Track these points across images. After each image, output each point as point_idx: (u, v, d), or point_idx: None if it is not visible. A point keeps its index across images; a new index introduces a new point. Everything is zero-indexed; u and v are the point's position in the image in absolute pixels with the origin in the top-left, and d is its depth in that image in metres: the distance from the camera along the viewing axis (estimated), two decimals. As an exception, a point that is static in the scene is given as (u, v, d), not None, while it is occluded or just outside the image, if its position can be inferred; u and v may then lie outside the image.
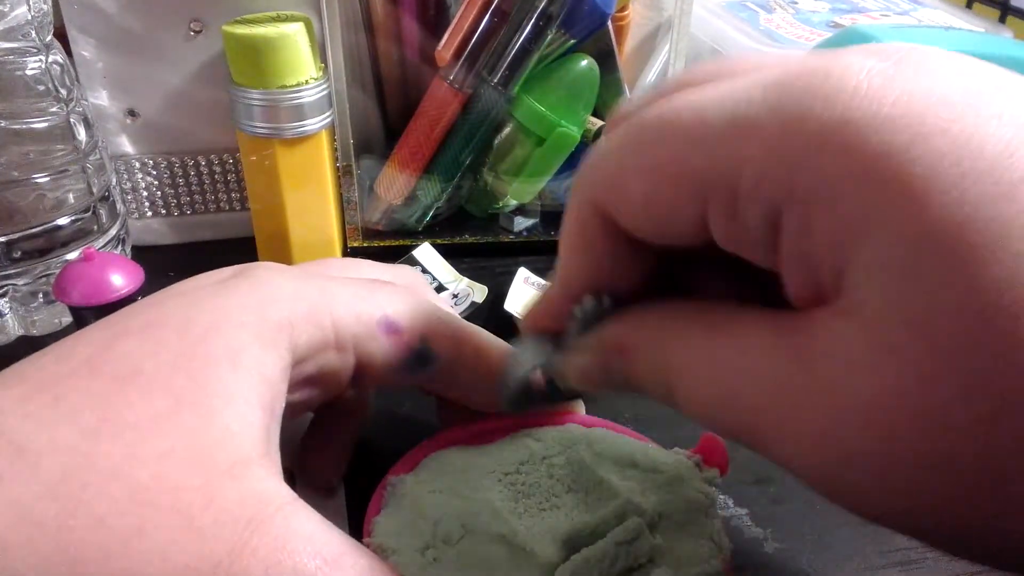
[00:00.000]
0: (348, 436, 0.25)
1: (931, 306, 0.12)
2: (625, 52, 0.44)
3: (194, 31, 0.38)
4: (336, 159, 0.39)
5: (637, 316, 0.18)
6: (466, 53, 0.36)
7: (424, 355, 0.22)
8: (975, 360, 0.12)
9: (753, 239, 0.15)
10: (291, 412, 0.20)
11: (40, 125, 0.33)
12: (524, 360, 0.20)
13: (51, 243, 0.34)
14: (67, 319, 0.35)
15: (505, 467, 0.23)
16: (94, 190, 0.35)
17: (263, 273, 0.20)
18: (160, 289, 0.21)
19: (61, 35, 0.36)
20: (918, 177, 0.12)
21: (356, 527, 0.21)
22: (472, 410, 0.25)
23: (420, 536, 0.21)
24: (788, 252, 0.14)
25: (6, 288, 0.34)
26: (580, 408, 0.25)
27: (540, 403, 0.21)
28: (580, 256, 0.18)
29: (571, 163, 0.41)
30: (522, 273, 0.37)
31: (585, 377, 0.19)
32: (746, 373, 0.15)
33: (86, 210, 0.35)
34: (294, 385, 0.20)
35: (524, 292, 0.36)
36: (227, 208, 0.42)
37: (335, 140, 0.39)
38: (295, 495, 0.17)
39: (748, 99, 0.14)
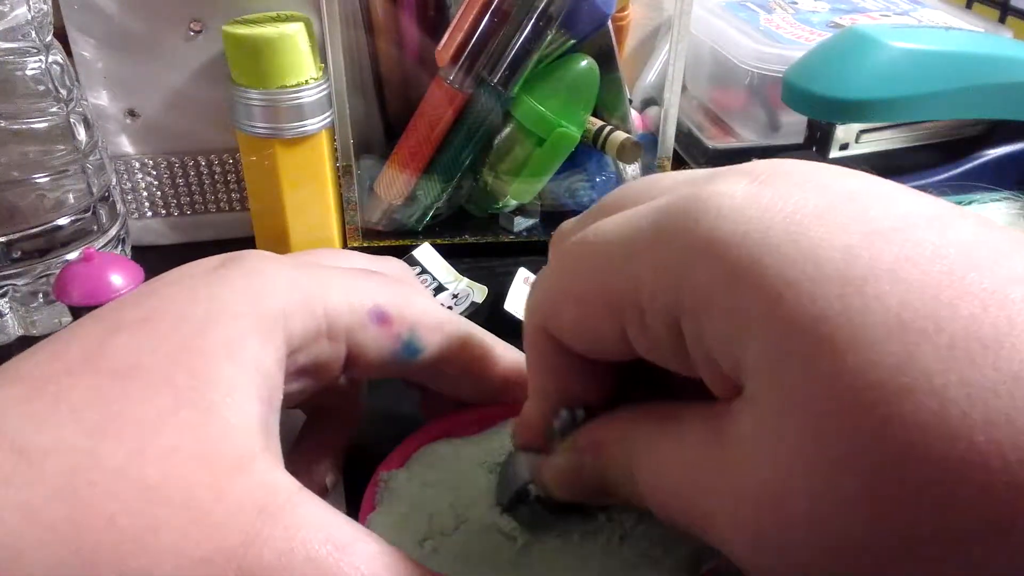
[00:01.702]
0: (342, 436, 0.25)
1: (804, 394, 0.13)
2: (625, 52, 0.44)
3: (194, 31, 0.38)
4: (336, 159, 0.39)
5: (609, 418, 0.19)
6: (466, 53, 0.36)
7: (412, 345, 0.22)
8: (847, 441, 0.13)
9: (666, 349, 0.16)
10: (285, 403, 0.20)
11: (40, 125, 0.33)
12: (518, 473, 0.21)
13: (51, 243, 0.34)
14: (67, 319, 0.35)
15: (495, 457, 0.23)
16: (94, 190, 0.35)
17: (255, 262, 0.20)
18: None
19: (61, 35, 0.36)
20: (775, 284, 0.14)
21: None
22: (456, 402, 0.25)
23: (417, 529, 0.21)
24: (693, 356, 0.16)
25: (6, 288, 0.34)
26: None
27: (539, 513, 0.22)
28: (542, 375, 0.20)
29: (571, 163, 0.41)
30: (522, 273, 0.37)
31: (562, 478, 0.20)
32: (683, 463, 0.16)
33: (86, 210, 0.35)
34: (288, 376, 0.20)
35: (524, 292, 0.36)
36: (227, 208, 0.43)
37: (335, 140, 0.39)
38: (301, 485, 0.17)
39: (639, 225, 0.16)
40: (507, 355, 0.25)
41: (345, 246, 0.41)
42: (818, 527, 0.13)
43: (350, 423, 0.26)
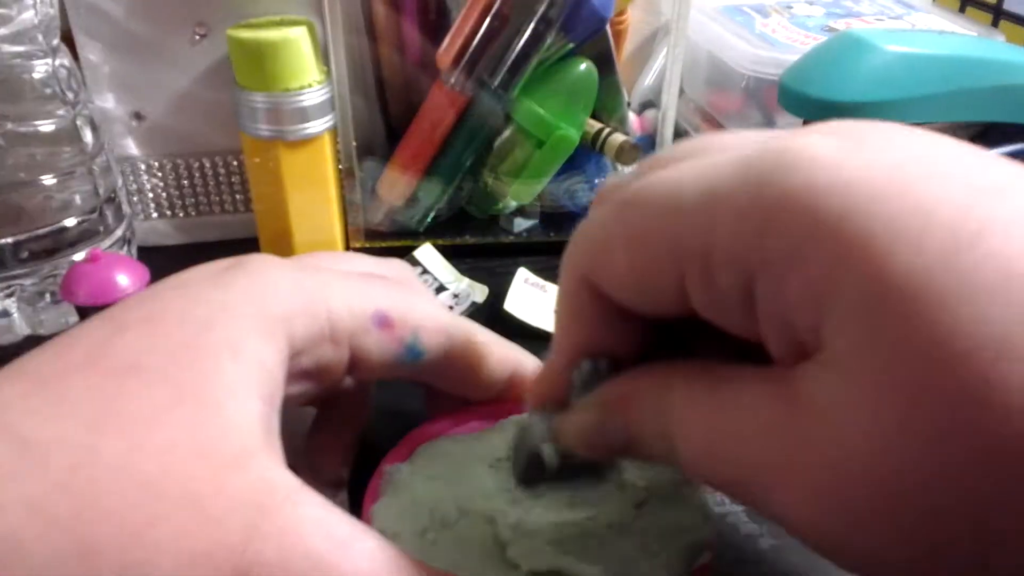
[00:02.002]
0: (353, 429, 0.25)
1: (898, 355, 0.13)
2: (623, 55, 0.44)
3: (199, 35, 0.38)
4: (338, 161, 0.40)
5: (637, 373, 0.18)
6: (466, 57, 0.37)
7: (415, 348, 0.23)
8: (940, 405, 0.12)
9: (729, 306, 0.15)
10: (286, 404, 0.21)
11: (47, 127, 0.34)
12: (532, 435, 0.21)
13: (58, 244, 0.35)
14: (74, 319, 0.36)
15: (497, 452, 0.24)
16: (100, 192, 0.36)
17: (260, 265, 0.21)
18: None
19: (68, 39, 0.36)
20: (877, 235, 0.13)
21: (355, 516, 0.22)
22: (461, 399, 0.25)
23: (418, 521, 0.21)
24: (764, 315, 0.15)
25: (13, 288, 0.34)
26: None
27: (553, 479, 0.21)
28: (574, 326, 0.19)
29: (570, 165, 0.41)
30: (522, 273, 0.38)
31: (583, 436, 0.19)
32: (744, 426, 0.15)
33: (92, 211, 0.36)
34: (290, 378, 0.20)
35: (524, 292, 0.37)
36: (231, 209, 0.43)
37: (337, 142, 0.39)
38: (301, 482, 0.17)
39: (719, 174, 0.15)
40: (510, 355, 0.25)
41: (347, 247, 0.41)
42: (907, 499, 0.13)
43: (359, 419, 0.26)
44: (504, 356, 0.25)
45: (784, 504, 0.15)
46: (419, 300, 0.24)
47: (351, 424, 0.25)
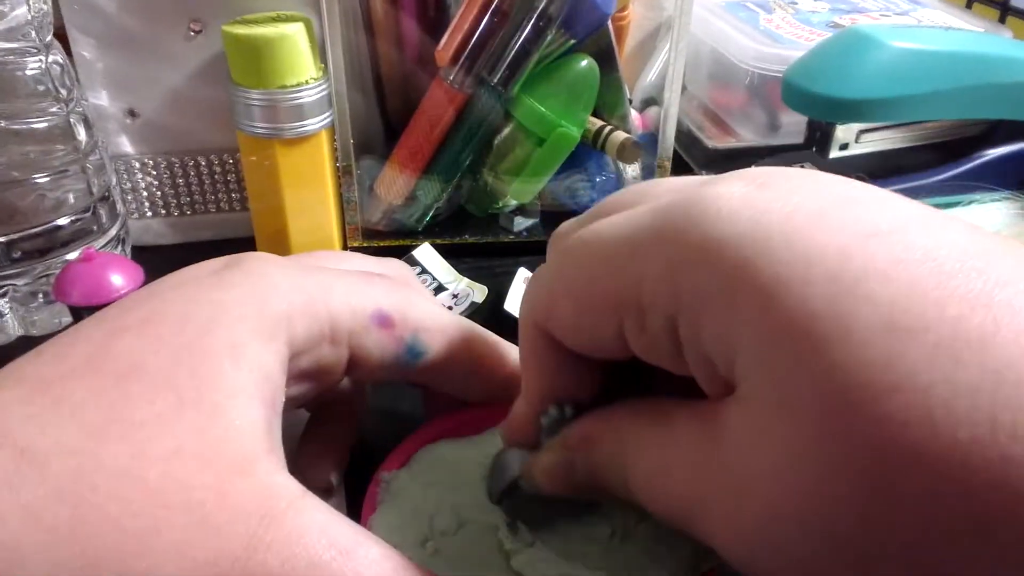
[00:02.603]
0: (345, 435, 0.25)
1: (794, 392, 0.13)
2: (625, 52, 0.44)
3: (194, 31, 0.38)
4: (336, 159, 0.39)
5: (599, 414, 0.19)
6: (466, 53, 0.36)
7: (415, 348, 0.22)
8: (836, 439, 0.13)
9: (662, 350, 0.16)
10: (287, 406, 0.20)
11: (40, 125, 0.33)
12: (508, 468, 0.21)
13: (51, 243, 0.34)
14: (67, 319, 0.35)
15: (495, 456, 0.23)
16: (94, 190, 0.35)
17: (259, 264, 0.20)
18: None
19: (61, 35, 0.36)
20: (769, 282, 0.14)
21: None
22: (458, 401, 0.25)
23: (418, 530, 0.21)
24: (689, 356, 0.16)
25: (6, 288, 0.34)
26: None
27: (529, 507, 0.22)
28: (535, 372, 0.20)
29: (571, 163, 0.41)
30: (522, 273, 0.37)
31: (551, 475, 0.20)
32: (676, 460, 0.16)
33: (86, 210, 0.35)
34: (291, 379, 0.20)
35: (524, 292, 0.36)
36: (227, 208, 0.43)
37: (335, 140, 0.39)
38: (304, 488, 0.17)
39: (640, 224, 0.16)
40: (510, 355, 0.25)
41: (345, 246, 0.41)
42: (808, 525, 0.13)
43: (354, 422, 0.26)
44: (504, 357, 0.24)
45: (714, 534, 0.15)
46: (419, 300, 0.23)
47: (344, 429, 0.25)
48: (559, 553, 0.21)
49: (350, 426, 0.25)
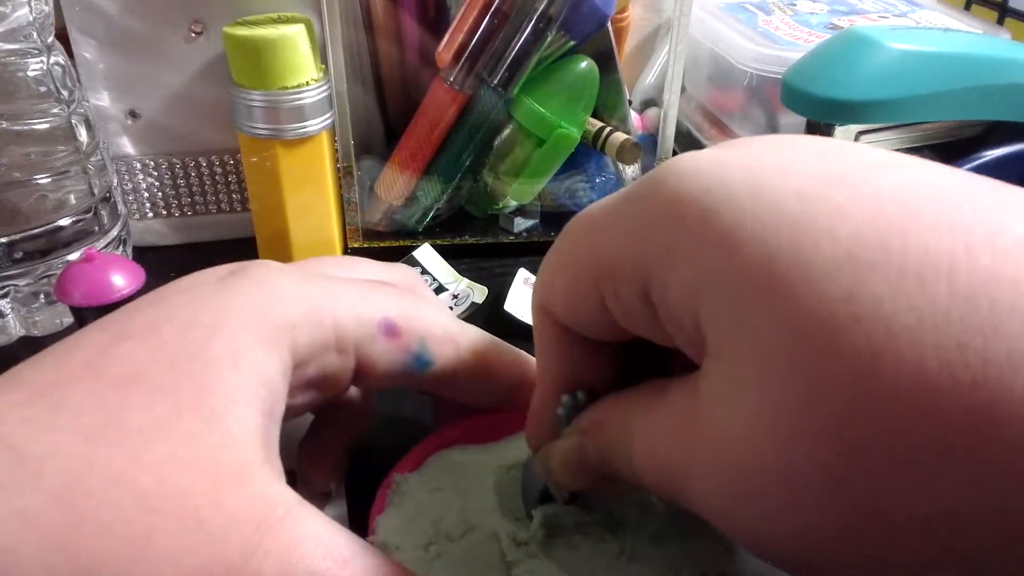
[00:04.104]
0: (346, 443, 0.25)
1: (761, 337, 0.13)
2: (625, 53, 0.44)
3: (195, 32, 0.38)
4: (336, 160, 0.39)
5: (610, 398, 0.19)
6: (466, 54, 0.37)
7: (422, 357, 0.22)
8: (805, 378, 0.13)
9: (639, 316, 0.16)
10: (292, 414, 0.20)
11: (42, 126, 0.33)
12: (536, 475, 0.21)
13: (52, 244, 0.34)
14: (68, 320, 0.35)
15: (508, 465, 0.23)
16: (95, 191, 0.36)
17: (264, 272, 0.20)
18: None
19: (62, 36, 0.36)
20: (734, 229, 0.14)
21: (359, 527, 0.21)
22: (469, 409, 0.25)
23: (423, 533, 0.21)
24: (664, 320, 0.16)
25: (7, 289, 0.34)
26: None
27: (563, 518, 0.22)
28: (546, 358, 0.20)
29: (571, 164, 0.41)
30: (522, 274, 0.37)
31: (565, 463, 0.20)
32: (667, 427, 0.16)
33: (87, 211, 0.35)
34: (296, 388, 0.20)
35: (524, 292, 0.36)
36: (228, 209, 0.43)
37: (335, 141, 0.39)
38: (300, 498, 0.17)
39: (616, 198, 0.17)
40: (520, 362, 0.24)
41: (346, 247, 0.41)
42: (787, 470, 0.13)
43: (358, 428, 0.25)
44: (511, 365, 0.24)
45: (700, 497, 0.15)
46: (427, 308, 0.23)
47: (348, 435, 0.25)
48: (564, 567, 0.20)
49: (353, 433, 0.25)
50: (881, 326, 0.12)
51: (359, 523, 0.22)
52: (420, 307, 0.23)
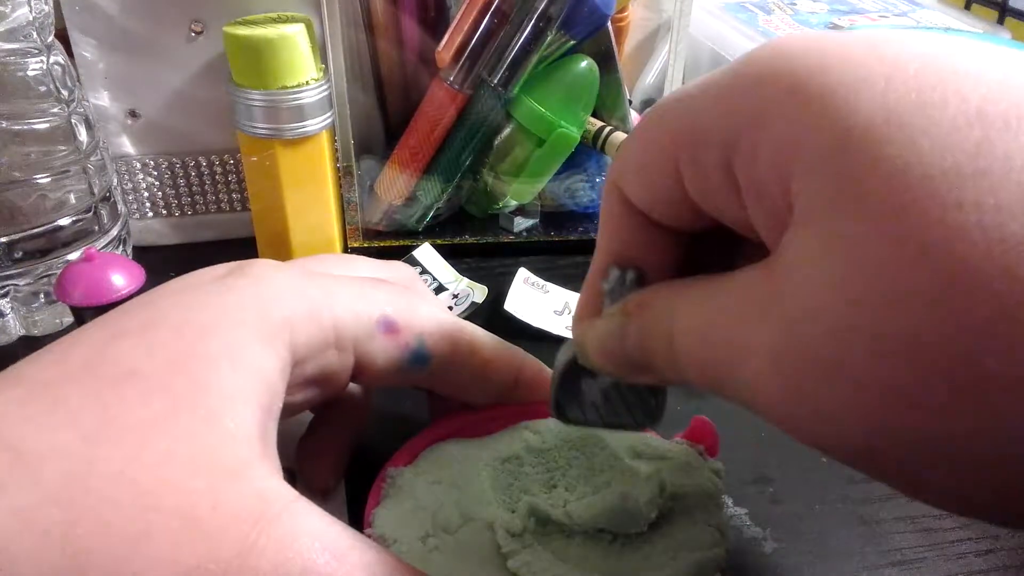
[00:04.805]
0: (347, 440, 0.25)
1: (865, 189, 0.13)
2: (625, 53, 0.44)
3: (195, 32, 0.38)
4: (336, 160, 0.39)
5: (661, 283, 0.18)
6: (466, 54, 0.37)
7: (420, 353, 0.22)
8: (919, 229, 0.12)
9: (717, 189, 0.16)
10: (291, 412, 0.20)
11: (41, 126, 0.33)
12: (564, 351, 0.21)
13: (52, 243, 0.34)
14: (68, 319, 0.35)
15: (503, 458, 0.23)
16: (95, 191, 0.36)
17: (262, 270, 0.20)
18: None
19: (62, 36, 0.36)
20: (842, 87, 0.13)
21: (356, 521, 0.22)
22: (464, 405, 0.25)
23: (420, 525, 0.21)
24: (745, 190, 0.15)
25: (7, 288, 0.34)
26: None
27: (592, 420, 0.21)
28: (605, 231, 0.19)
29: (571, 164, 0.41)
30: (522, 273, 0.37)
31: (603, 343, 0.19)
32: (725, 309, 0.16)
33: (87, 210, 0.35)
34: (295, 386, 0.20)
35: (524, 292, 0.36)
36: (228, 209, 0.43)
37: (335, 141, 0.39)
38: (297, 493, 0.17)
39: (716, 72, 0.16)
40: (516, 358, 0.24)
41: (345, 246, 0.41)
42: (859, 349, 0.13)
43: (357, 424, 0.26)
44: (509, 361, 0.24)
45: (750, 377, 0.15)
46: (424, 305, 0.23)
47: (348, 431, 0.25)
48: (558, 556, 0.21)
49: (353, 430, 0.25)
50: (1012, 182, 0.12)
51: (356, 517, 0.22)
52: (417, 304, 0.23)
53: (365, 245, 0.41)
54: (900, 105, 0.13)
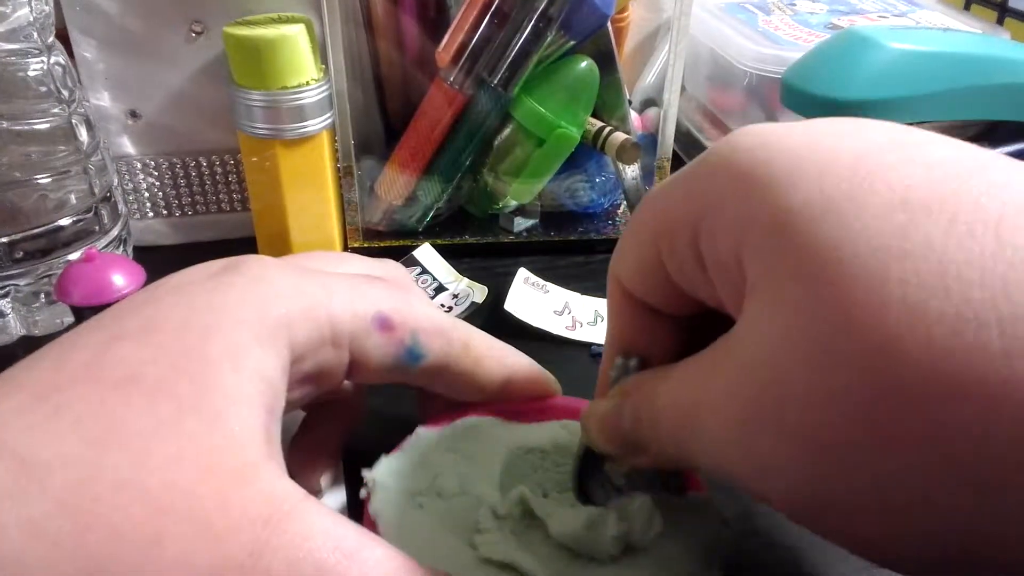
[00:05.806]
0: (338, 438, 0.25)
1: (803, 257, 0.14)
2: (625, 53, 0.44)
3: (195, 32, 0.38)
4: (337, 160, 0.39)
5: (658, 367, 0.20)
6: (466, 54, 0.37)
7: (415, 350, 0.23)
8: (846, 300, 0.13)
9: (689, 268, 0.17)
10: (287, 409, 0.20)
11: (42, 126, 0.33)
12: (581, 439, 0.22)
13: (53, 243, 0.34)
14: (69, 319, 0.35)
15: (527, 447, 0.24)
16: (96, 191, 0.36)
17: (258, 268, 0.20)
18: None
19: (63, 36, 0.36)
20: (783, 176, 0.15)
21: (358, 519, 0.22)
22: (454, 403, 0.25)
23: (416, 484, 0.21)
24: (710, 266, 0.17)
25: (8, 288, 0.34)
26: None
27: (611, 496, 0.22)
28: (610, 322, 0.21)
29: (571, 164, 0.41)
30: (522, 273, 0.38)
31: (602, 422, 0.20)
32: (689, 380, 0.17)
33: (88, 211, 0.35)
34: (293, 383, 0.20)
35: (524, 292, 0.36)
36: (228, 209, 0.43)
37: (336, 141, 0.39)
38: (306, 493, 0.17)
39: (687, 165, 0.18)
40: (509, 358, 0.25)
41: (346, 246, 0.41)
42: (813, 391, 0.14)
43: (351, 422, 0.26)
44: (501, 359, 0.24)
45: (711, 438, 0.16)
46: (418, 302, 0.23)
47: (341, 430, 0.25)
48: (528, 550, 0.21)
49: (346, 428, 0.25)
50: (933, 262, 0.13)
51: (357, 519, 0.22)
52: (412, 302, 0.23)
53: (365, 245, 0.41)
54: (835, 192, 0.14)
